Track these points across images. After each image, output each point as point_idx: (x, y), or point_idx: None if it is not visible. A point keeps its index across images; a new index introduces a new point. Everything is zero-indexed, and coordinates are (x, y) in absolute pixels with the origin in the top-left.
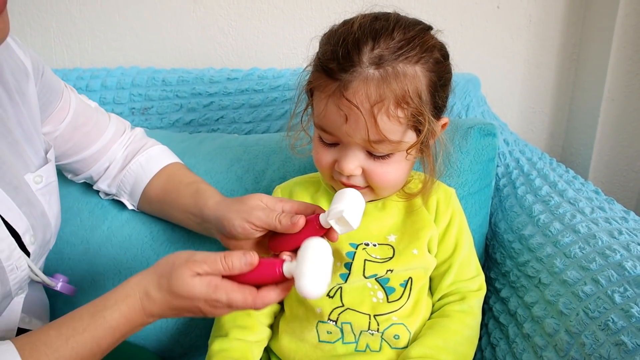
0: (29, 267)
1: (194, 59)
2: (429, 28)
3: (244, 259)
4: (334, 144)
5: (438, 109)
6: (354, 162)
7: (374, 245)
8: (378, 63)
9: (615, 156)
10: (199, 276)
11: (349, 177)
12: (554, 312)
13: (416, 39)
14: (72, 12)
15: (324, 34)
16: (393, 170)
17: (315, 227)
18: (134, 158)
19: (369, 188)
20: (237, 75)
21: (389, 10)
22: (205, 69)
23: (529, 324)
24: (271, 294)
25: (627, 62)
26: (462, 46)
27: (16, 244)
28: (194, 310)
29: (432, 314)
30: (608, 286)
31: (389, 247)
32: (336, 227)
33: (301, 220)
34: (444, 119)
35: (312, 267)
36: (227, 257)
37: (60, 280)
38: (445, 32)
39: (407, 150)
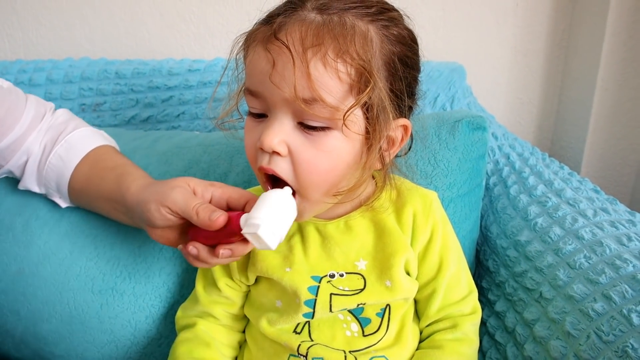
0: None
1: (151, 49)
2: (397, 10)
3: None
4: (262, 116)
5: (395, 96)
6: (278, 135)
7: (341, 275)
8: (322, 9)
9: (608, 149)
10: None
11: (270, 158)
12: (560, 332)
13: (375, 1)
14: None
15: None
16: (325, 157)
17: (236, 229)
18: (53, 149)
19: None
20: (199, 67)
21: None
22: (163, 59)
23: (531, 345)
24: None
25: (621, 48)
26: (445, 33)
27: None
28: None
29: (420, 341)
30: (622, 304)
31: (359, 276)
32: (251, 241)
33: (220, 219)
34: (403, 121)
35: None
36: None
37: None
38: (427, 18)
39: (344, 117)
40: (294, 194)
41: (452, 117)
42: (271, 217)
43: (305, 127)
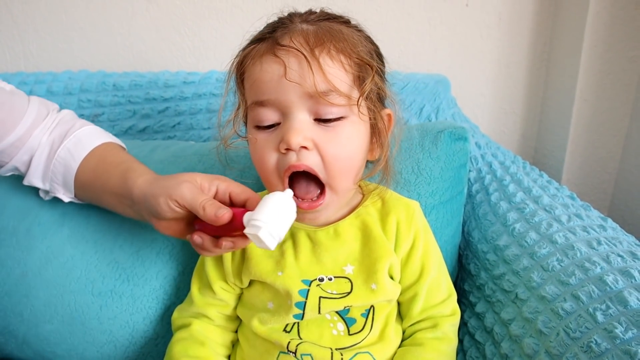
0: None
1: (147, 62)
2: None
3: None
4: (274, 125)
5: (381, 79)
6: (302, 131)
7: (330, 279)
8: (308, 21)
9: (588, 157)
10: None
11: (299, 154)
12: (533, 330)
13: (342, 16)
14: (13, 12)
15: None
16: (347, 144)
17: (238, 226)
18: (62, 144)
19: (323, 192)
20: (194, 79)
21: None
22: (159, 72)
23: (507, 343)
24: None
25: (598, 61)
26: (431, 46)
27: None
28: None
29: (402, 339)
30: (589, 303)
31: (346, 280)
32: (252, 239)
33: (226, 216)
34: (387, 110)
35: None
36: None
37: None
38: (413, 32)
39: (357, 103)
40: (315, 190)
41: (435, 127)
42: (272, 219)
43: (322, 121)
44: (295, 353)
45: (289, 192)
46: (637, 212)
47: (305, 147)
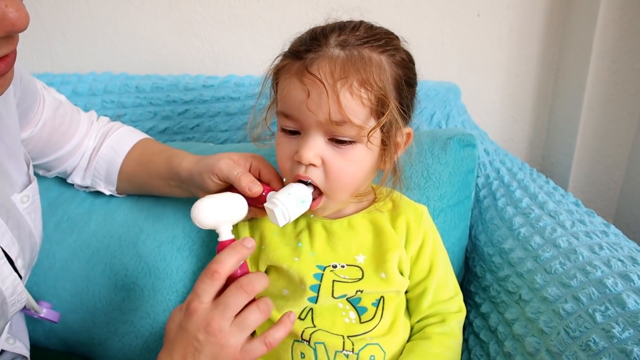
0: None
1: (168, 65)
2: (397, 37)
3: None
4: (295, 133)
5: (403, 109)
6: (314, 150)
7: (342, 266)
8: (344, 45)
9: (594, 166)
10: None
11: (307, 168)
12: (535, 330)
13: (382, 34)
14: (41, 14)
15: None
16: (352, 165)
17: (262, 199)
18: (104, 143)
19: (320, 196)
20: (213, 83)
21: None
22: (180, 75)
23: (510, 342)
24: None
25: (605, 72)
26: (443, 54)
27: (19, 280)
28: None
29: (411, 335)
30: (589, 304)
31: (358, 268)
32: (268, 213)
33: (258, 191)
34: (408, 129)
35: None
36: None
37: (44, 306)
38: (426, 41)
39: (368, 135)
40: (314, 193)
41: (445, 134)
42: (288, 203)
43: (335, 141)
44: (309, 342)
45: (311, 188)
46: None
47: (313, 165)
